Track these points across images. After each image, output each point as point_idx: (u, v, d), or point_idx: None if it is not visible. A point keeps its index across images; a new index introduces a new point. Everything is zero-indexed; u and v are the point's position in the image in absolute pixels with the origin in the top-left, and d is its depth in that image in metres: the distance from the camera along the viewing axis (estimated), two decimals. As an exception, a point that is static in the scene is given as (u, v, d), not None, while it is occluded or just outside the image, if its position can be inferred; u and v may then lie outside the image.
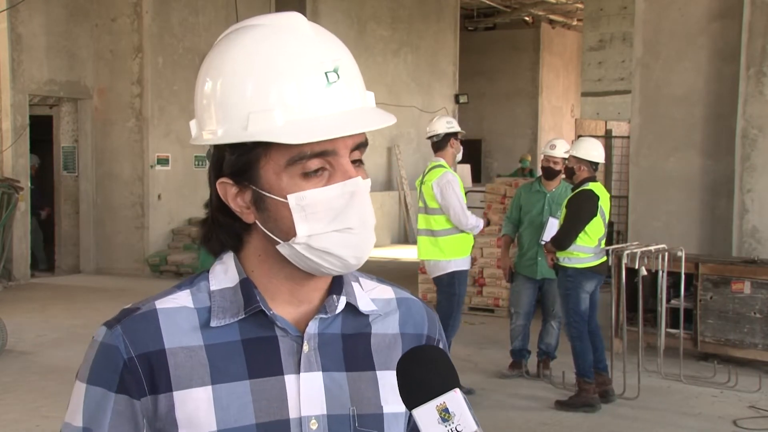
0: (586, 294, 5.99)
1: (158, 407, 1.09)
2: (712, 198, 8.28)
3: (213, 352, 1.11)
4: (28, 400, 6.11)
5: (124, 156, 12.31)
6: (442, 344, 1.27)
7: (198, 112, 1.14)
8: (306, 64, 1.07)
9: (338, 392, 1.14)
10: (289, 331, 1.13)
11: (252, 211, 1.11)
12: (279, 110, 1.05)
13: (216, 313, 1.12)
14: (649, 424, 5.72)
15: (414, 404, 1.01)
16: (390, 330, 1.22)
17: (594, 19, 17.00)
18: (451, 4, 18.75)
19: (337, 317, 1.17)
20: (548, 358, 6.75)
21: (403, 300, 1.26)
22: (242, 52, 1.09)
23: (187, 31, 12.66)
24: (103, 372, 1.10)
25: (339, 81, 1.07)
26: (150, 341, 1.10)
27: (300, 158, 1.06)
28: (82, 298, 10.31)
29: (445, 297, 6.06)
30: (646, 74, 8.65)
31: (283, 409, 1.11)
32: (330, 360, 1.15)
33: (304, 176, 1.07)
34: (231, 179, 1.11)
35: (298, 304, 1.16)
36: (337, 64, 1.08)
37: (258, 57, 1.07)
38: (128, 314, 1.13)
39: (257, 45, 1.08)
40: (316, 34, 1.10)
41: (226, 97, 1.09)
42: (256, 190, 1.09)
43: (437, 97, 18.20)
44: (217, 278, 1.15)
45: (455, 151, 6.23)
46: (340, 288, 1.17)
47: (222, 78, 1.09)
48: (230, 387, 1.10)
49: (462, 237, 6.09)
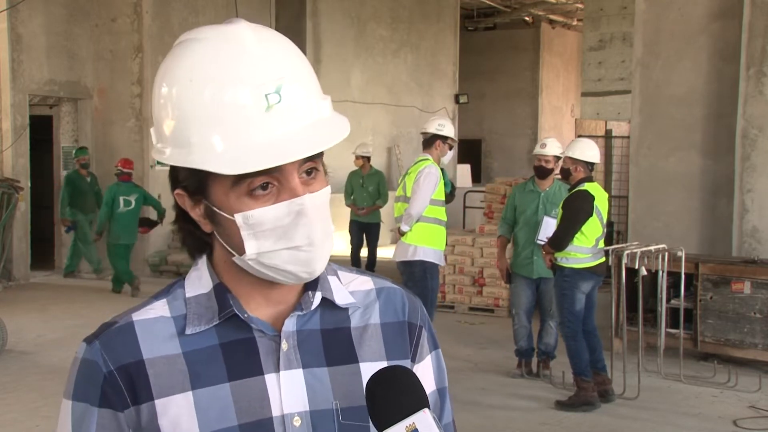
0: (582, 294, 5.99)
1: (141, 417, 1.11)
2: (712, 198, 8.28)
3: (192, 358, 1.12)
4: (28, 400, 6.12)
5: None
6: (426, 329, 1.27)
7: (154, 123, 1.14)
8: (245, 84, 1.04)
9: (320, 387, 1.14)
10: (265, 331, 1.14)
11: (208, 222, 1.13)
12: (218, 137, 1.04)
13: (191, 321, 1.14)
14: (649, 424, 5.72)
15: (383, 426, 1.02)
16: (371, 321, 1.22)
17: (594, 19, 16.99)
18: (451, 4, 18.74)
19: (315, 313, 1.17)
20: (548, 358, 6.76)
21: (382, 289, 1.25)
22: (183, 72, 1.07)
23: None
24: (86, 387, 1.12)
25: (281, 102, 1.04)
26: (128, 353, 1.11)
27: (244, 177, 1.06)
28: (82, 298, 10.31)
29: (418, 291, 5.98)
30: (646, 74, 8.65)
31: (265, 408, 1.12)
32: (310, 356, 1.15)
33: (250, 194, 1.07)
34: (185, 192, 1.13)
35: (275, 305, 1.17)
36: (280, 83, 1.05)
37: (198, 81, 1.06)
38: (106, 329, 1.15)
39: (197, 65, 1.07)
40: (261, 48, 1.06)
41: (169, 119, 1.09)
42: (208, 205, 1.11)
43: (437, 97, 18.20)
44: (192, 285, 1.17)
45: (440, 154, 6.31)
46: (315, 284, 1.17)
47: (165, 99, 1.09)
48: (210, 391, 1.11)
49: (435, 228, 6.13)
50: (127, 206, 10.22)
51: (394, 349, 1.22)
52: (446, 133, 6.29)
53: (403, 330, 1.24)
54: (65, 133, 12.57)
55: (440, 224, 6.18)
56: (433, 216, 6.10)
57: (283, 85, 1.05)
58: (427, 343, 1.27)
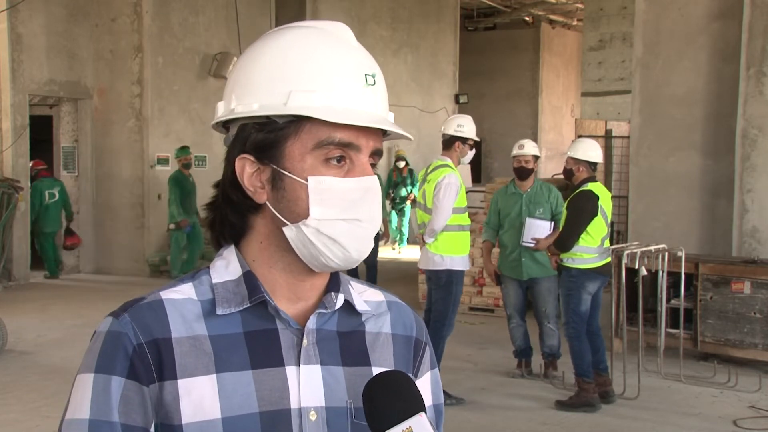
0: (588, 295, 5.98)
1: (164, 394, 1.10)
2: (712, 198, 8.28)
3: (217, 342, 1.13)
4: (28, 400, 6.12)
5: (124, 156, 12.31)
6: (429, 348, 1.32)
7: (233, 90, 1.18)
8: (350, 61, 1.15)
9: (336, 386, 1.17)
10: (290, 323, 1.16)
11: (266, 190, 1.15)
12: (319, 93, 1.12)
13: (221, 303, 1.15)
14: (649, 424, 5.72)
15: (380, 429, 1.03)
16: (383, 329, 1.26)
17: (594, 19, 17.00)
18: (451, 4, 18.74)
19: (333, 315, 1.20)
20: (554, 359, 6.73)
21: (393, 303, 1.30)
22: (292, 40, 1.16)
23: (187, 31, 12.65)
24: (112, 359, 1.11)
25: (375, 86, 1.16)
26: (158, 328, 1.12)
27: (328, 143, 1.12)
28: (82, 298, 10.31)
29: (442, 297, 6.07)
30: (646, 74, 8.65)
31: (284, 398, 1.13)
32: (327, 355, 1.17)
33: (325, 162, 1.12)
34: (253, 155, 1.15)
35: (296, 301, 1.19)
36: (375, 71, 1.17)
37: (308, 46, 1.15)
38: (134, 303, 1.15)
39: (308, 37, 1.16)
40: (361, 47, 1.19)
41: (270, 73, 1.14)
42: (277, 168, 1.14)
43: (437, 97, 18.20)
44: (218, 272, 1.18)
45: (460, 155, 6.19)
46: (337, 286, 1.22)
47: (270, 57, 1.16)
48: (234, 376, 1.12)
49: (459, 235, 6.09)
50: (52, 198, 11.67)
51: (400, 360, 1.25)
52: (467, 134, 6.14)
53: (410, 345, 1.28)
54: (65, 133, 12.57)
55: (464, 230, 6.12)
56: (456, 224, 6.04)
57: (377, 74, 1.17)
58: (429, 361, 1.31)
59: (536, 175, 6.89)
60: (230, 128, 1.19)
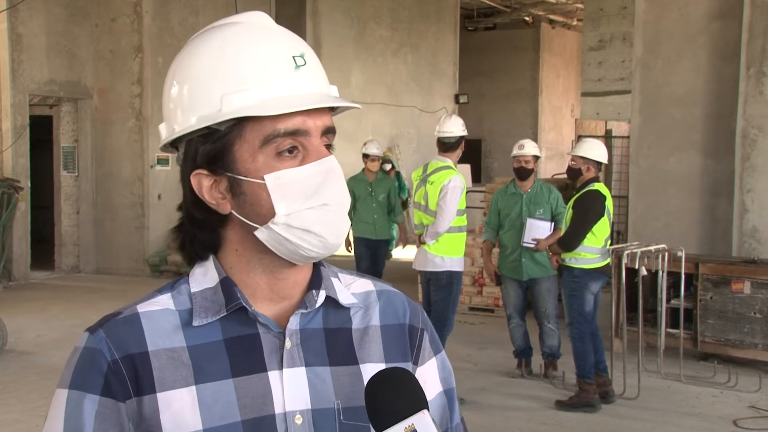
0: (592, 295, 5.98)
1: (143, 409, 1.10)
2: (712, 198, 8.28)
3: (195, 352, 1.12)
4: (28, 400, 6.12)
5: (124, 156, 12.31)
6: (427, 333, 1.28)
7: (169, 111, 1.17)
8: (275, 48, 1.12)
9: (322, 386, 1.15)
10: (270, 327, 1.14)
11: (228, 200, 1.13)
12: (252, 90, 1.09)
13: (198, 313, 1.14)
14: (649, 424, 5.73)
15: (382, 427, 1.02)
16: (371, 323, 1.22)
17: (594, 19, 16.99)
18: (451, 4, 18.74)
19: (318, 312, 1.18)
20: (554, 359, 6.73)
21: (383, 292, 1.27)
22: (213, 43, 1.14)
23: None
24: (87, 375, 1.11)
25: (306, 65, 1.12)
26: (133, 343, 1.11)
27: (274, 136, 1.09)
28: (82, 298, 10.31)
29: (442, 297, 6.10)
30: (646, 74, 8.65)
31: (268, 404, 1.12)
32: (313, 355, 1.15)
33: (278, 156, 1.10)
34: (206, 169, 1.13)
35: (279, 301, 1.17)
36: (304, 50, 1.14)
37: (230, 45, 1.12)
38: (110, 319, 1.14)
39: (228, 36, 1.14)
40: (281, 29, 1.16)
41: (199, 84, 1.12)
42: (232, 176, 1.11)
43: (437, 97, 18.20)
44: (197, 281, 1.17)
45: (458, 155, 6.29)
46: (319, 283, 1.19)
47: (195, 69, 1.14)
48: (214, 386, 1.11)
49: (459, 236, 6.12)
50: None
51: (392, 352, 1.22)
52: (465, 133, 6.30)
53: (404, 333, 1.24)
54: (65, 133, 12.57)
55: (462, 231, 6.17)
56: (457, 225, 6.07)
57: (306, 53, 1.14)
58: (430, 346, 1.28)
59: (536, 175, 6.90)
60: (179, 147, 1.17)
